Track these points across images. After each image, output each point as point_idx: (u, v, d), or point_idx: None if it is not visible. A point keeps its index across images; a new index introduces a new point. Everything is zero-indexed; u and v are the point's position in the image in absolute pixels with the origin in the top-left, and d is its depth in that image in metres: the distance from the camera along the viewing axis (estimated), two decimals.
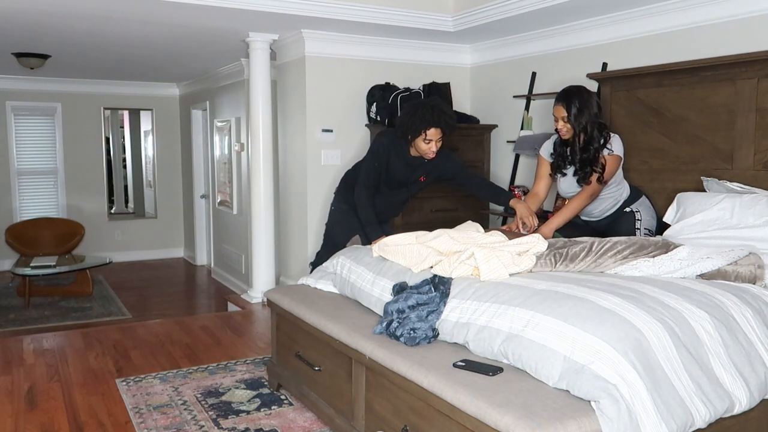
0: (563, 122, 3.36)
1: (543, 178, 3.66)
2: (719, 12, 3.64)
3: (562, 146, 3.50)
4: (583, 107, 3.31)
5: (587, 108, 3.32)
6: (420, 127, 3.53)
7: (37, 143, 8.28)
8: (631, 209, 3.55)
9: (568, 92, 3.38)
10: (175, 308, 5.90)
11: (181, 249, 9.19)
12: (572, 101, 3.32)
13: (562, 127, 3.38)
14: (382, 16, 4.53)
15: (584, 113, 3.31)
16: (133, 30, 4.85)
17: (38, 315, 5.61)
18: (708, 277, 2.62)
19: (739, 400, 2.08)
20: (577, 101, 3.31)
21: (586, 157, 3.38)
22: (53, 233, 7.77)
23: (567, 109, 3.32)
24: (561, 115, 3.35)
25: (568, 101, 3.33)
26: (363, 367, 2.51)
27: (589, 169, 3.38)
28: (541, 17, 4.33)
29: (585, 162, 3.39)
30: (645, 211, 3.56)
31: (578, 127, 3.34)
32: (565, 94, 3.37)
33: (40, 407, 3.23)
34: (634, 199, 3.58)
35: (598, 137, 3.36)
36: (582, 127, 3.33)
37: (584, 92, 3.37)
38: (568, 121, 3.34)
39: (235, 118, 6.82)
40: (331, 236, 4.12)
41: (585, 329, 2.00)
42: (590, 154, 3.37)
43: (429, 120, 3.52)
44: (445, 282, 2.55)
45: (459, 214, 4.96)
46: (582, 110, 3.31)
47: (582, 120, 3.32)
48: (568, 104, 3.32)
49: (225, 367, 3.78)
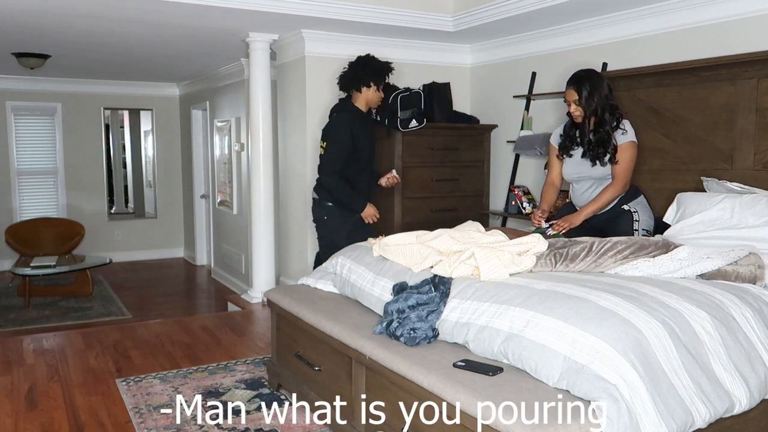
0: (575, 105, 3.43)
1: (555, 166, 3.73)
2: (719, 12, 3.64)
3: (572, 128, 3.56)
4: (593, 90, 3.38)
5: (598, 90, 3.38)
6: (380, 78, 4.11)
7: (37, 143, 8.27)
8: (629, 208, 3.54)
9: (578, 76, 3.45)
10: (175, 308, 5.89)
11: (181, 249, 9.19)
12: (583, 84, 3.39)
13: (575, 110, 3.45)
14: (382, 16, 4.53)
15: (594, 96, 3.38)
16: (133, 30, 4.85)
17: (38, 315, 5.61)
18: (708, 277, 2.62)
19: (739, 400, 2.08)
20: (587, 84, 3.39)
21: (598, 138, 3.44)
22: (53, 233, 7.76)
23: (578, 92, 3.40)
24: (573, 98, 3.43)
25: (579, 84, 3.40)
26: (363, 367, 2.51)
27: (601, 150, 3.44)
28: (541, 17, 4.33)
29: (597, 143, 3.45)
30: (643, 210, 3.55)
31: (589, 109, 3.40)
32: (576, 77, 3.45)
33: (40, 407, 3.23)
34: (633, 197, 3.57)
35: (610, 119, 3.42)
36: (593, 109, 3.40)
37: (595, 75, 3.44)
38: (580, 104, 3.40)
39: (235, 118, 6.82)
40: (336, 243, 3.94)
41: (585, 329, 2.00)
42: (602, 135, 3.43)
43: (386, 67, 4.15)
44: (445, 282, 2.55)
45: (459, 214, 4.96)
46: (593, 93, 3.38)
47: (593, 102, 3.38)
48: (579, 87, 3.40)
49: (225, 367, 3.77)
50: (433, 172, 5.05)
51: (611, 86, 3.48)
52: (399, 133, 4.84)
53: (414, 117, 4.82)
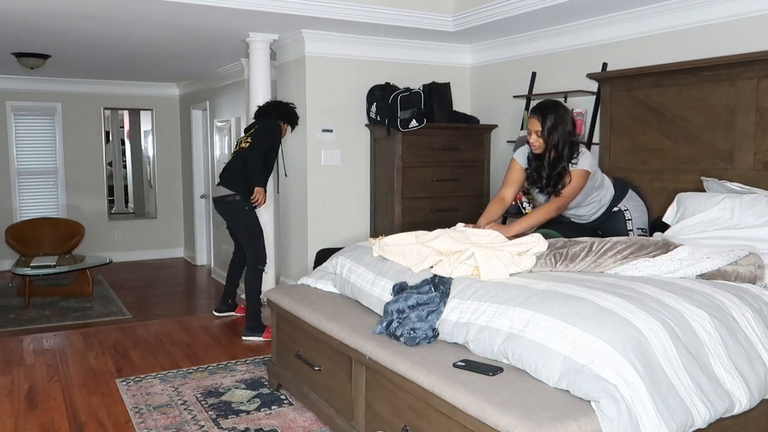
0: (536, 136, 3.25)
1: (513, 184, 3.52)
2: (719, 12, 3.63)
3: (535, 160, 3.38)
4: (557, 123, 3.20)
5: (562, 124, 3.21)
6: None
7: (37, 143, 8.26)
8: (619, 208, 3.52)
9: (544, 105, 3.27)
10: (175, 308, 5.89)
11: (181, 249, 9.18)
12: (547, 115, 3.21)
13: (534, 141, 3.26)
14: (382, 16, 4.52)
15: (558, 129, 3.20)
16: (133, 30, 4.85)
17: (38, 315, 5.61)
18: (708, 277, 2.62)
19: (739, 400, 2.08)
20: (552, 116, 3.20)
21: (553, 174, 3.27)
22: (53, 233, 7.75)
23: (542, 122, 3.21)
24: (535, 128, 3.24)
25: (543, 115, 3.22)
26: (363, 367, 2.51)
27: (559, 187, 3.27)
28: (541, 17, 4.33)
29: (551, 179, 3.29)
30: (634, 208, 3.52)
31: (550, 142, 3.22)
32: (542, 107, 3.26)
33: (40, 407, 3.23)
34: (620, 197, 3.52)
35: (568, 156, 3.25)
36: (554, 143, 3.22)
37: (560, 108, 3.26)
38: (541, 135, 3.23)
39: (235, 118, 6.81)
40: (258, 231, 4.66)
41: (585, 329, 2.00)
42: (560, 171, 3.26)
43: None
44: (445, 282, 2.55)
45: (459, 214, 4.96)
46: (556, 126, 3.20)
47: (555, 136, 3.21)
48: (543, 118, 3.21)
49: (225, 367, 3.78)
50: (433, 172, 5.05)
51: (575, 121, 3.30)
52: (399, 133, 4.85)
53: (414, 117, 4.82)
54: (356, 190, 5.28)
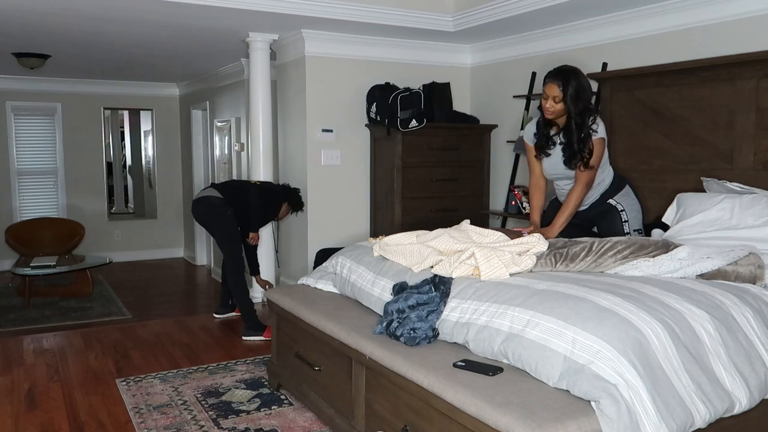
0: (553, 102, 3.17)
1: (536, 166, 3.52)
2: (719, 12, 3.63)
3: (546, 127, 3.32)
4: (580, 89, 3.15)
5: (584, 91, 3.18)
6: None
7: (37, 143, 8.26)
8: (615, 204, 3.49)
9: (564, 71, 3.19)
10: (175, 308, 5.89)
11: (181, 249, 9.18)
12: (570, 81, 3.13)
13: (551, 107, 3.18)
14: (382, 16, 4.53)
15: (581, 96, 3.16)
16: (133, 30, 4.85)
17: (38, 315, 5.60)
18: (708, 277, 2.62)
19: (739, 400, 2.08)
20: (574, 82, 3.14)
21: (579, 141, 3.22)
22: (53, 233, 7.75)
23: (563, 88, 3.13)
24: (553, 93, 3.15)
25: (565, 80, 3.13)
26: (363, 367, 2.51)
27: (586, 153, 3.23)
28: (541, 17, 4.33)
29: (579, 148, 3.24)
30: (630, 208, 3.49)
31: (575, 108, 3.16)
32: (562, 72, 3.18)
33: (40, 407, 3.23)
34: (618, 189, 3.50)
35: (590, 123, 3.22)
36: (578, 110, 3.17)
37: (580, 73, 3.21)
38: (563, 101, 3.15)
39: (235, 118, 6.81)
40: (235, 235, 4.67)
41: (585, 329, 2.00)
42: (583, 139, 3.22)
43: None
44: (445, 282, 2.55)
45: (459, 214, 4.96)
46: (579, 93, 3.15)
47: (579, 103, 3.16)
48: (565, 84, 3.13)
49: (225, 367, 3.78)
50: (433, 172, 5.05)
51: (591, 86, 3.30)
52: (399, 133, 4.85)
53: (414, 117, 4.82)
54: (356, 190, 5.28)
